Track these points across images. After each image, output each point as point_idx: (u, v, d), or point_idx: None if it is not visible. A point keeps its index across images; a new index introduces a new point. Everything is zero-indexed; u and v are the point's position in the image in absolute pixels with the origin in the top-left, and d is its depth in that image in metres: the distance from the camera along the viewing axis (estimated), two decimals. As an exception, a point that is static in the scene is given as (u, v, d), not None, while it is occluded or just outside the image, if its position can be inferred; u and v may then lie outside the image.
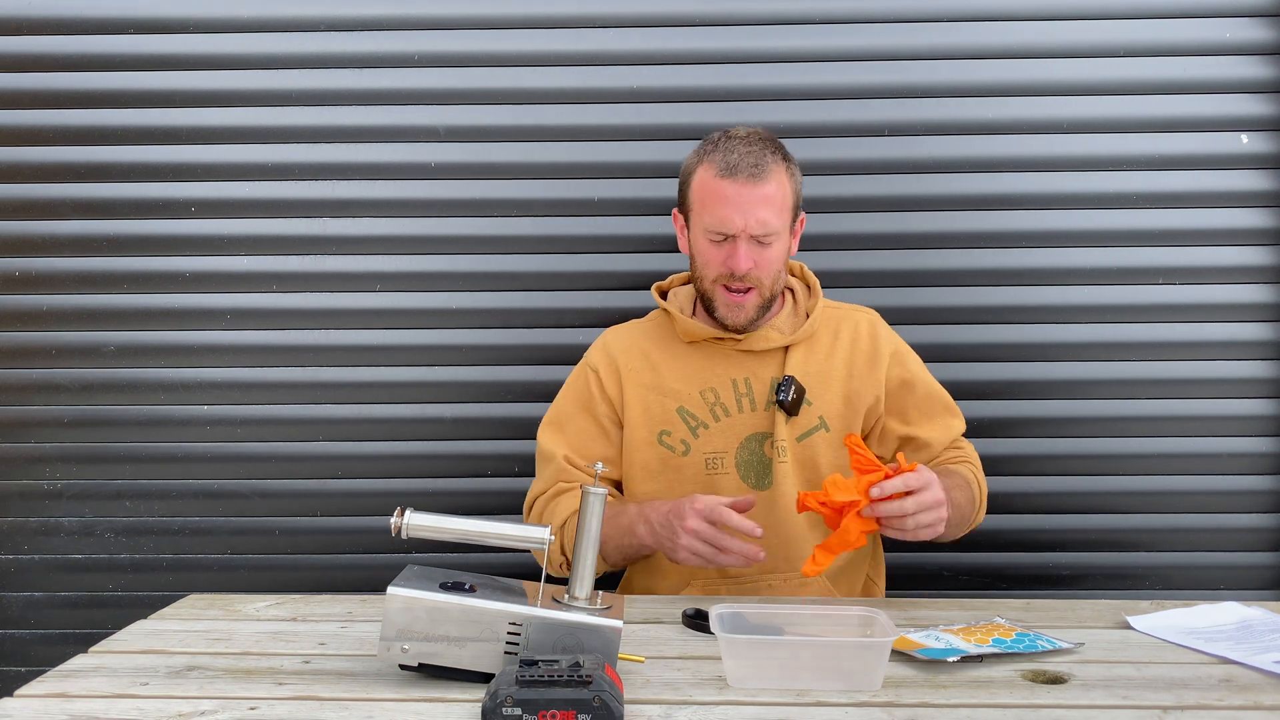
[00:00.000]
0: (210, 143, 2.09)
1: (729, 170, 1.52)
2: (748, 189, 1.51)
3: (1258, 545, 2.09)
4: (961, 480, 1.53)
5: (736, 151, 1.53)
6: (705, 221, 1.56)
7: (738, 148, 1.54)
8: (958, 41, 2.08)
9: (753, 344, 1.60)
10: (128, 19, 2.08)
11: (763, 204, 1.52)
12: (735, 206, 1.51)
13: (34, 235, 2.10)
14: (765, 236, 1.53)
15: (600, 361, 1.65)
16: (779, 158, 1.56)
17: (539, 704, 0.93)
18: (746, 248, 1.53)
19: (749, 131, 1.59)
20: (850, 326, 1.66)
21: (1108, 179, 2.08)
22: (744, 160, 1.52)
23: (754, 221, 1.52)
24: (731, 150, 1.54)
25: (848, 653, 1.11)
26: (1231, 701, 1.05)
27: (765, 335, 1.61)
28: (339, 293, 2.10)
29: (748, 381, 1.60)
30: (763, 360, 1.61)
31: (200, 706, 1.02)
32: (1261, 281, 2.07)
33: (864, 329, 1.66)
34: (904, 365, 1.64)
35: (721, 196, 1.52)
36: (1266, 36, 2.06)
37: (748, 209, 1.51)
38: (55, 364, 2.11)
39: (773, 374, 1.60)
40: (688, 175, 1.61)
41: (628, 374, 1.63)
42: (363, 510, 2.11)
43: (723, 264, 1.55)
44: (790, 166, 1.58)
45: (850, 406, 1.60)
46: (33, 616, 2.12)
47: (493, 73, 2.09)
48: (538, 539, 1.10)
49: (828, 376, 1.60)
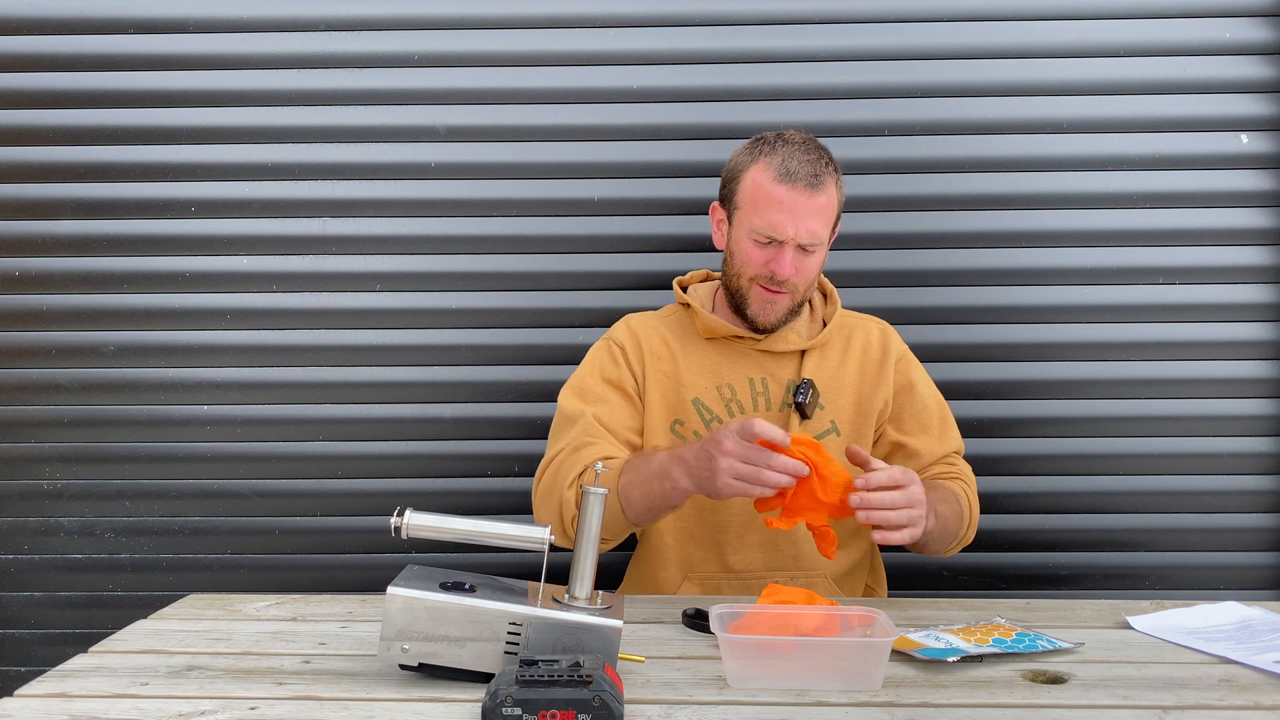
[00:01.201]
0: (210, 143, 2.09)
1: (787, 176, 1.50)
2: (803, 198, 1.50)
3: (1258, 545, 2.09)
4: (949, 494, 1.51)
5: (795, 158, 1.52)
6: (754, 223, 1.54)
7: (796, 154, 1.52)
8: (958, 41, 2.08)
9: (771, 345, 1.61)
10: (128, 19, 2.08)
11: (815, 215, 1.51)
12: (789, 214, 1.50)
13: (33, 235, 2.10)
14: (811, 246, 1.53)
15: (625, 338, 1.65)
16: (832, 169, 1.55)
17: (539, 704, 0.93)
18: (793, 256, 1.52)
19: (805, 137, 1.57)
20: (862, 334, 1.67)
21: (1108, 179, 2.08)
22: (803, 169, 1.51)
23: (805, 231, 1.51)
24: (791, 156, 1.52)
25: (848, 653, 1.11)
26: (1231, 701, 1.05)
27: (784, 337, 1.62)
28: (339, 293, 2.10)
29: (765, 381, 1.61)
30: (780, 361, 1.62)
31: (200, 706, 1.02)
32: (1261, 281, 2.08)
33: (875, 337, 1.67)
34: (909, 372, 1.66)
35: (776, 202, 1.51)
36: (1266, 36, 2.06)
37: (800, 218, 1.50)
38: (55, 364, 2.11)
39: (789, 376, 1.61)
40: (737, 171, 1.58)
41: (650, 357, 1.62)
42: (363, 510, 2.11)
43: (764, 266, 1.54)
44: (839, 178, 1.58)
45: (861, 412, 1.61)
46: (33, 616, 2.12)
47: (493, 73, 2.09)
48: (537, 539, 1.10)
49: (840, 382, 1.62)
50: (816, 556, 1.55)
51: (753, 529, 1.56)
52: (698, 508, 1.58)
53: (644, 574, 1.66)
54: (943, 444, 1.62)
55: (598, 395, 1.59)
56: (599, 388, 1.59)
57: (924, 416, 1.63)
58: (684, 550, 1.60)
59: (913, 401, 1.63)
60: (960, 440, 1.66)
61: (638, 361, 1.62)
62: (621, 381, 1.60)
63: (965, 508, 1.54)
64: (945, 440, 1.63)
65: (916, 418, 1.63)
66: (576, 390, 1.60)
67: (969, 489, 1.59)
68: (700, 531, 1.59)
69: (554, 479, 1.50)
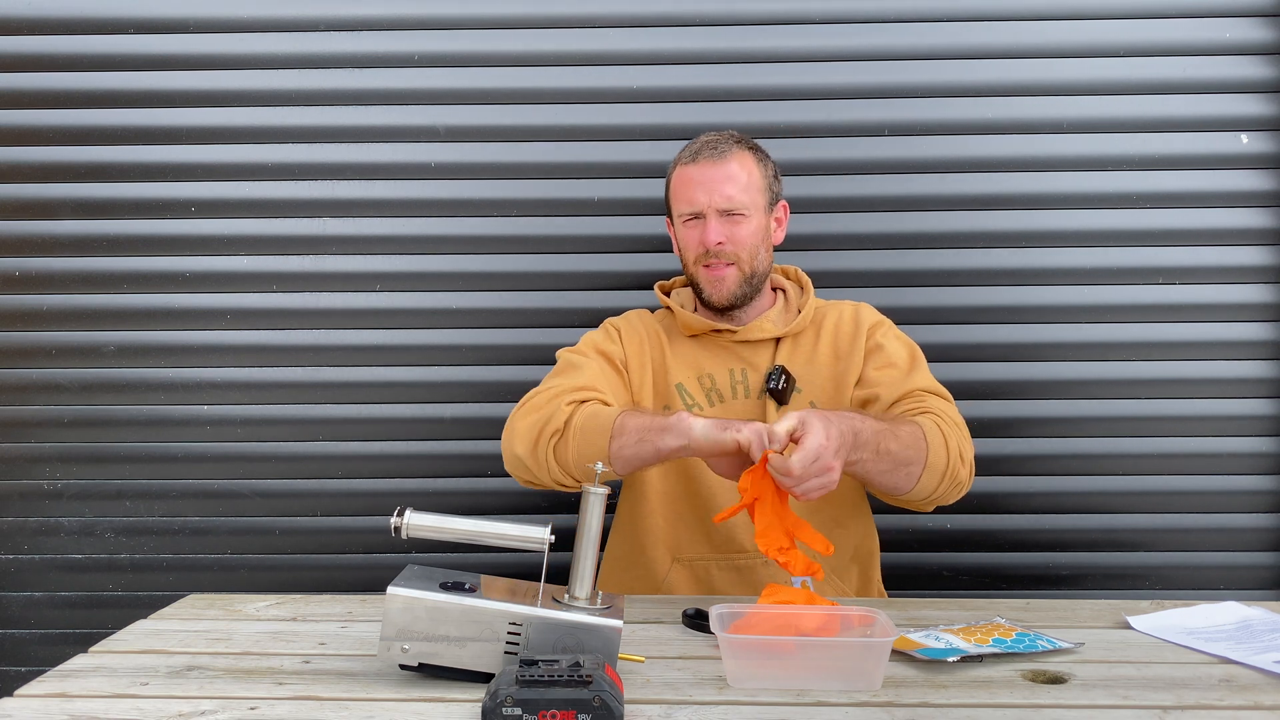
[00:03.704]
0: (210, 143, 2.09)
1: (692, 157, 1.65)
2: (709, 168, 1.63)
3: (1258, 545, 2.09)
4: (906, 431, 1.41)
5: (700, 143, 1.66)
6: (679, 208, 1.67)
7: (701, 139, 1.67)
8: (958, 41, 2.08)
9: (747, 335, 1.66)
10: (128, 19, 2.08)
11: (726, 181, 1.62)
12: (699, 185, 1.63)
13: (33, 235, 2.10)
14: (732, 211, 1.62)
15: (621, 324, 1.73)
16: (743, 146, 1.66)
17: (539, 704, 0.93)
18: (716, 223, 1.62)
19: (718, 132, 1.70)
20: (835, 314, 1.71)
21: (1108, 179, 2.08)
22: (705, 147, 1.65)
23: (719, 197, 1.61)
24: (695, 142, 1.67)
25: (848, 653, 1.11)
26: (1231, 701, 1.04)
27: (760, 326, 1.67)
28: (339, 293, 2.11)
29: (744, 371, 1.65)
30: (757, 351, 1.66)
31: (200, 706, 1.02)
32: (1261, 281, 2.08)
33: (847, 314, 1.70)
34: (878, 336, 1.65)
35: (688, 180, 1.65)
36: (1266, 36, 2.06)
37: (711, 186, 1.62)
38: (55, 364, 2.11)
39: (766, 365, 1.65)
40: (667, 179, 1.72)
41: (641, 343, 1.68)
42: (363, 510, 2.11)
43: (698, 243, 1.64)
44: (758, 154, 1.68)
45: (838, 388, 1.63)
46: (33, 616, 2.12)
47: (493, 73, 2.09)
48: (537, 539, 1.09)
49: (815, 364, 1.65)
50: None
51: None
52: (687, 490, 1.61)
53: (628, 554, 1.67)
54: (908, 381, 1.57)
55: (594, 366, 1.62)
56: (592, 354, 1.65)
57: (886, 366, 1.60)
58: (674, 531, 1.62)
59: (879, 356, 1.62)
60: (933, 382, 1.58)
61: (632, 344, 1.68)
62: (612, 355, 1.65)
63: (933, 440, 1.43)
64: (911, 379, 1.57)
65: (880, 364, 1.61)
66: (573, 351, 1.66)
67: (942, 423, 1.47)
68: (690, 513, 1.62)
69: (551, 399, 1.48)
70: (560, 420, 1.45)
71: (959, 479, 1.47)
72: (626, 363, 1.66)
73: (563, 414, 1.45)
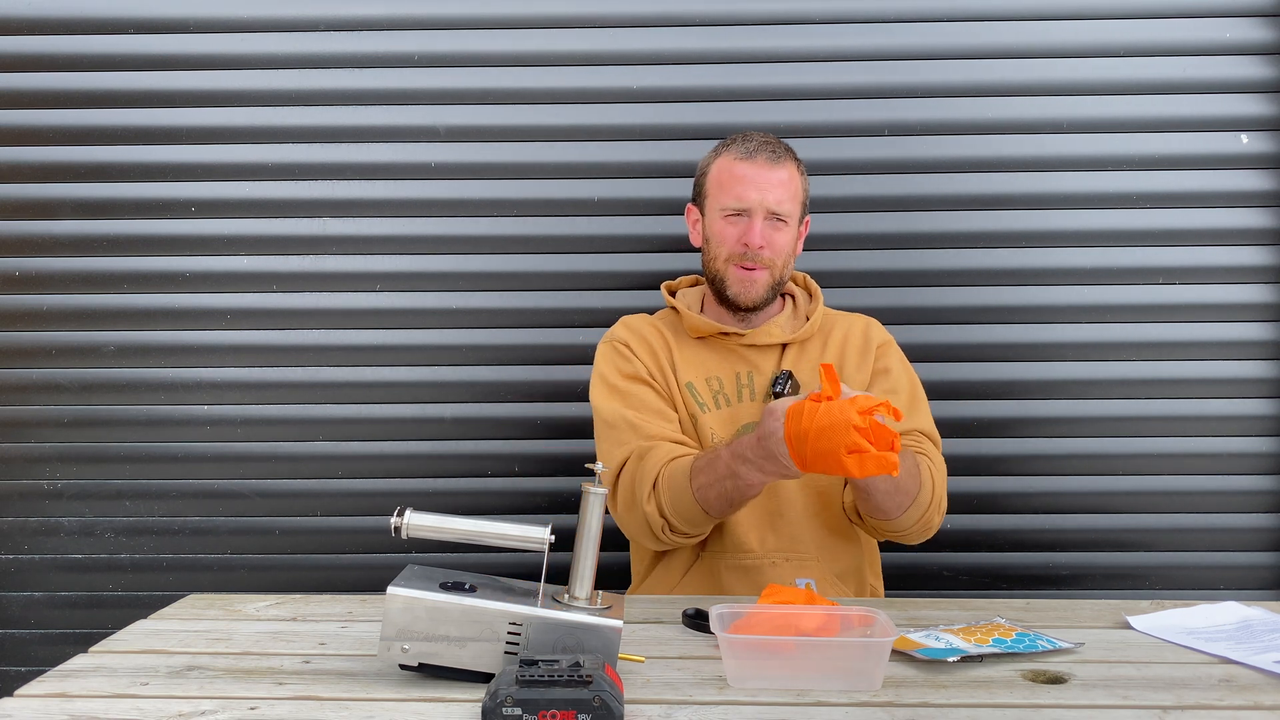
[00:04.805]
0: (210, 143, 2.09)
1: (748, 154, 1.64)
2: (765, 170, 1.62)
3: (1258, 545, 2.09)
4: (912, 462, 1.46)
5: (755, 141, 1.65)
6: (723, 201, 1.64)
7: (755, 138, 1.66)
8: (958, 41, 2.08)
9: (755, 339, 1.66)
10: (128, 19, 2.08)
11: (779, 185, 1.62)
12: (753, 184, 1.62)
13: (33, 235, 2.10)
14: (779, 217, 1.62)
15: (625, 335, 1.70)
16: (792, 155, 1.67)
17: (539, 704, 0.93)
18: (762, 224, 1.61)
19: (766, 134, 1.69)
20: (845, 326, 1.71)
21: (1108, 179, 2.08)
22: (762, 147, 1.64)
23: (771, 199, 1.61)
24: (750, 140, 1.66)
25: (848, 653, 1.11)
26: (1231, 701, 1.04)
27: (767, 331, 1.67)
28: (339, 293, 2.11)
29: (750, 374, 1.65)
30: (764, 355, 1.67)
31: (200, 706, 1.02)
32: (1261, 281, 2.08)
33: (858, 328, 1.71)
34: (887, 358, 1.67)
35: (740, 176, 1.63)
36: (1266, 36, 2.06)
37: (765, 187, 1.61)
38: (55, 364, 2.11)
39: (773, 369, 1.65)
40: (705, 167, 1.70)
41: (654, 350, 1.68)
42: (363, 510, 2.11)
43: (737, 241, 1.62)
44: (801, 166, 1.68)
45: None
46: (33, 616, 2.12)
47: (493, 73, 2.09)
48: (537, 539, 1.09)
49: None
50: (811, 540, 1.59)
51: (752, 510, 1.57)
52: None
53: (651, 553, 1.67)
54: (908, 419, 1.58)
55: (625, 390, 1.63)
56: (624, 384, 1.64)
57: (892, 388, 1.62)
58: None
59: (885, 381, 1.64)
60: (930, 426, 1.61)
61: (643, 351, 1.67)
62: (638, 373, 1.65)
63: (927, 479, 1.49)
64: (912, 417, 1.59)
65: (885, 389, 1.62)
66: (606, 390, 1.64)
67: (934, 468, 1.54)
68: None
69: (631, 494, 1.53)
70: (657, 519, 1.50)
71: (930, 524, 1.55)
72: (651, 374, 1.66)
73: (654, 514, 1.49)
